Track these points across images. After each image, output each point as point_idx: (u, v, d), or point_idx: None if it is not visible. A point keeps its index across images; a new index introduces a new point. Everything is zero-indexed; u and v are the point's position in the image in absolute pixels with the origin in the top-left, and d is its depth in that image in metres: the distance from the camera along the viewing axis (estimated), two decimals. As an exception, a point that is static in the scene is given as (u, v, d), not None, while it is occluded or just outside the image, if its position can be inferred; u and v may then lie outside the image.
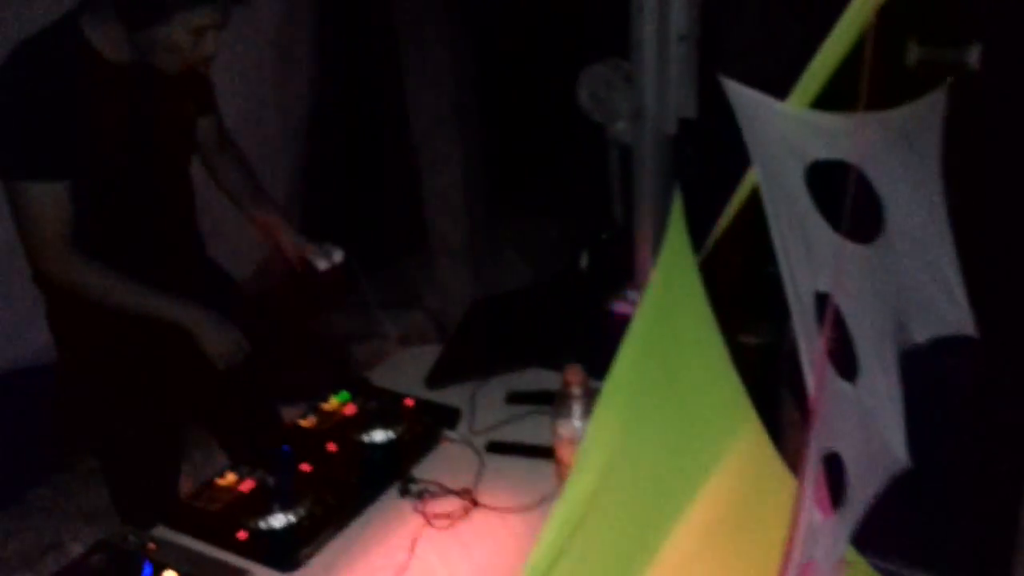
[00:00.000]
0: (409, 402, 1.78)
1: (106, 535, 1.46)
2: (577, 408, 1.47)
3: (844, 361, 1.18)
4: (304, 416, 1.77)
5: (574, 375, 1.46)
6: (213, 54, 1.77)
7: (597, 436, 1.01)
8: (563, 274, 1.94)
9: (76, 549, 2.28)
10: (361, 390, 1.84)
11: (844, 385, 1.19)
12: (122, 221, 1.86)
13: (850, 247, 1.14)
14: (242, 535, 1.47)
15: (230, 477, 1.60)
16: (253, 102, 3.22)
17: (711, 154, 2.10)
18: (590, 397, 1.45)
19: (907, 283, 1.22)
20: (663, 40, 1.93)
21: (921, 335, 1.16)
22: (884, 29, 1.17)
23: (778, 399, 2.19)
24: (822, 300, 1.16)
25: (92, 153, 1.74)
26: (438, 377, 1.88)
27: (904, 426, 1.22)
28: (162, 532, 1.51)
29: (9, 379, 2.55)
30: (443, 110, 3.22)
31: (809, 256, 1.17)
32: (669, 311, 1.18)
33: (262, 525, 1.48)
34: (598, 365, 1.11)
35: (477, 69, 3.26)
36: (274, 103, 3.36)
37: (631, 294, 2.03)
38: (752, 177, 1.25)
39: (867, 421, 1.18)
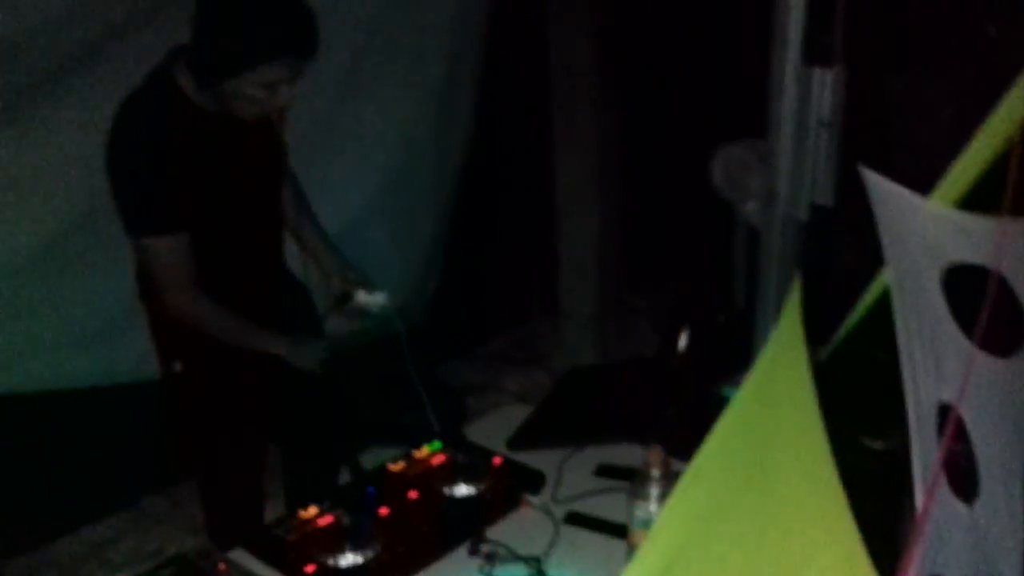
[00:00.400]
0: (497, 461, 1.76)
1: (186, 550, 1.51)
2: (655, 491, 1.42)
3: (963, 480, 1.09)
4: (395, 460, 1.79)
5: (655, 457, 1.41)
6: (288, 104, 1.82)
7: (671, 520, 0.97)
8: (663, 352, 1.89)
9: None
10: (454, 442, 1.84)
11: (959, 506, 1.10)
12: (224, 252, 1.95)
13: (984, 359, 1.06)
14: (310, 568, 1.49)
15: (312, 510, 1.63)
16: (412, 152, 3.34)
17: (843, 244, 2.02)
18: (670, 481, 1.40)
19: None
20: (802, 123, 1.88)
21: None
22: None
23: (902, 512, 2.04)
24: (945, 412, 1.07)
25: (200, 198, 1.84)
26: (522, 440, 1.86)
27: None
28: (239, 555, 1.55)
29: (134, 389, 2.71)
30: (587, 175, 3.24)
31: (937, 364, 1.09)
32: (770, 403, 1.12)
33: (331, 562, 1.50)
34: (691, 449, 1.07)
35: (623, 138, 3.26)
36: (431, 155, 3.47)
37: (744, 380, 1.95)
38: (885, 277, 1.18)
39: (981, 547, 1.08)
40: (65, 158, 2.42)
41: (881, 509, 1.21)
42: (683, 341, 1.87)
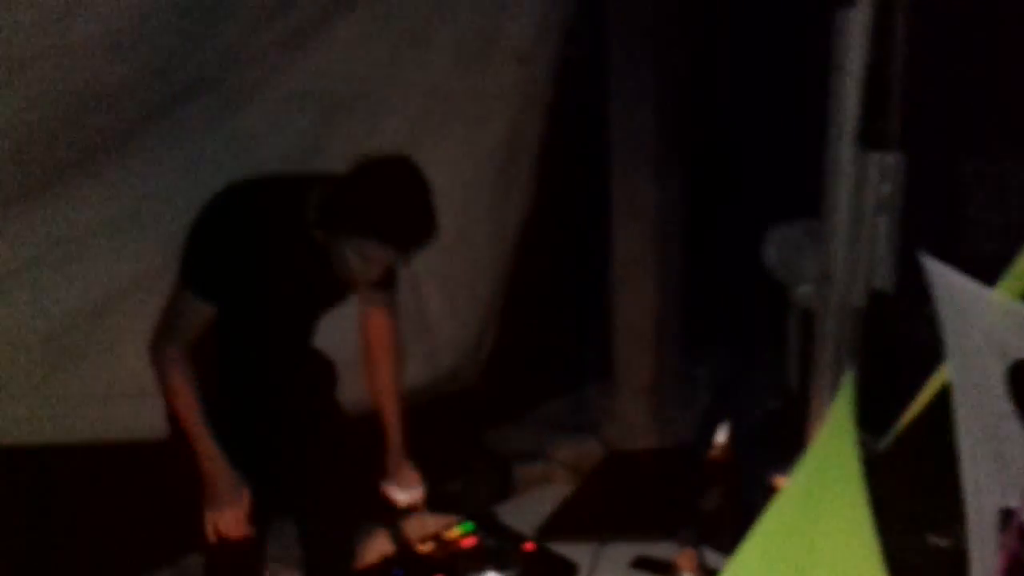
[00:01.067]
0: (529, 546, 1.71)
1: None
2: (685, 595, 1.35)
3: None
4: (422, 540, 1.74)
5: (686, 561, 1.34)
6: (376, 280, 1.94)
7: None
8: (700, 447, 1.81)
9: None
10: (485, 524, 1.79)
11: None
12: (243, 346, 2.03)
13: None
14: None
15: (337, 592, 1.59)
16: (470, 215, 3.34)
17: (904, 331, 1.93)
18: (701, 585, 1.33)
19: None
20: (859, 207, 1.81)
21: None
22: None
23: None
24: (1008, 516, 1.01)
25: (256, 294, 1.92)
26: (554, 529, 1.80)
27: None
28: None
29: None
30: (643, 245, 3.20)
31: (999, 466, 1.03)
32: (817, 501, 1.06)
33: (349, 650, 1.46)
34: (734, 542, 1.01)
35: (682, 210, 3.22)
36: (489, 219, 3.47)
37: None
38: (945, 372, 1.12)
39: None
40: (119, 219, 2.47)
41: None
42: (722, 435, 1.79)
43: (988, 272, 1.11)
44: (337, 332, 2.42)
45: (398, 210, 1.83)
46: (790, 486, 0.99)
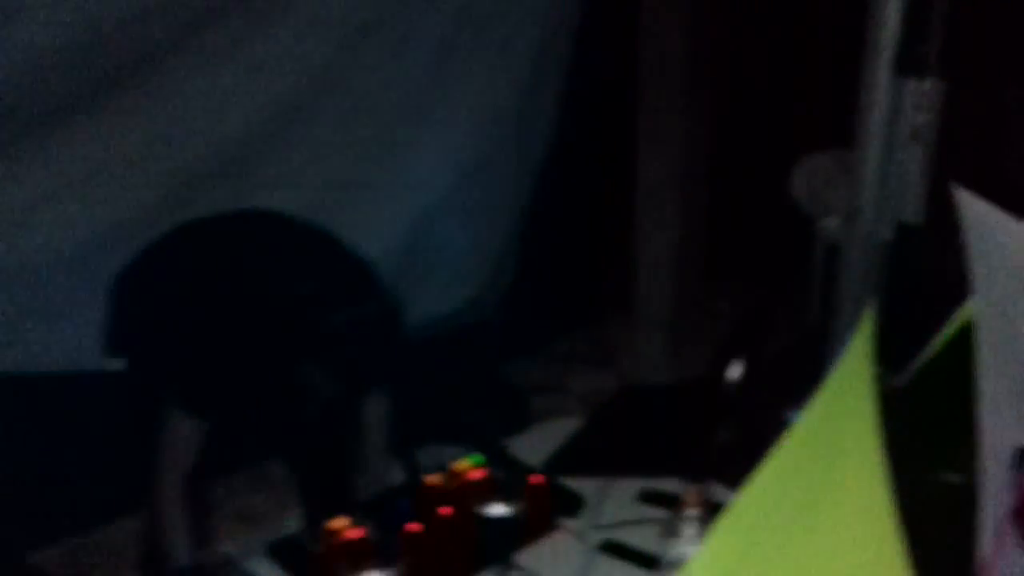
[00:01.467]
0: (536, 479, 1.68)
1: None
2: (690, 531, 1.31)
3: None
4: (432, 471, 1.72)
5: (692, 496, 1.31)
6: None
7: (707, 559, 0.90)
8: (715, 380, 1.77)
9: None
10: (494, 456, 1.76)
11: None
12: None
13: None
14: (330, 583, 1.43)
15: (342, 521, 1.57)
16: (493, 144, 3.28)
17: (930, 267, 1.87)
18: (707, 521, 1.30)
19: None
20: (893, 137, 1.74)
21: None
22: None
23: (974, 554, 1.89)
24: (1022, 455, 0.99)
25: None
26: (561, 463, 1.77)
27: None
28: (261, 564, 1.51)
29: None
30: (668, 177, 3.12)
31: (1019, 404, 1.00)
32: (828, 437, 1.03)
33: (352, 577, 1.45)
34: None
35: (708, 141, 3.13)
36: (512, 148, 3.40)
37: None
38: (970, 308, 1.08)
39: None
40: (140, 147, 2.43)
41: (955, 548, 1.10)
42: (737, 369, 1.74)
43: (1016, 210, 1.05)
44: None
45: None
46: (802, 420, 0.96)
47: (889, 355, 1.44)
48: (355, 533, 1.54)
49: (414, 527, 1.56)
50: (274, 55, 2.55)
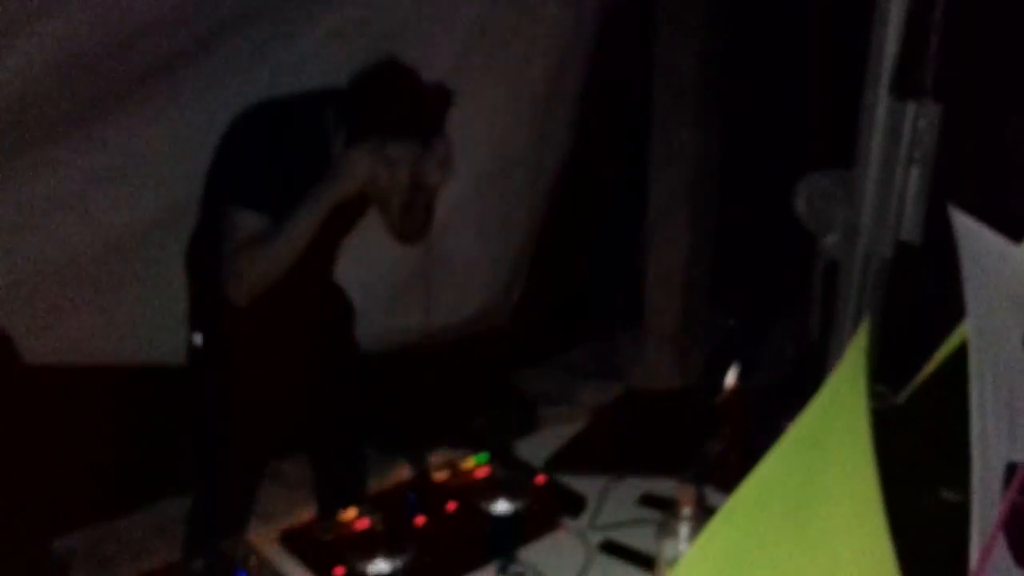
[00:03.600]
0: (541, 479, 1.73)
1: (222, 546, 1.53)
2: (684, 530, 1.36)
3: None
4: (439, 469, 1.77)
5: (686, 495, 1.35)
6: (399, 195, 1.95)
7: (697, 559, 0.93)
8: (707, 386, 1.81)
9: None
10: (500, 456, 1.81)
11: (1015, 571, 1.03)
12: None
13: None
14: (339, 571, 1.49)
15: (351, 512, 1.63)
16: (509, 155, 3.32)
17: (929, 285, 1.90)
18: (701, 521, 1.34)
19: None
20: (891, 158, 1.78)
21: None
22: None
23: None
24: (1013, 471, 1.01)
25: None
26: (561, 462, 1.81)
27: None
28: (273, 550, 1.56)
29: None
30: (680, 192, 3.16)
31: (1011, 422, 1.03)
32: (819, 446, 1.06)
33: (359, 567, 1.49)
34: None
35: (720, 158, 3.17)
36: (528, 160, 3.45)
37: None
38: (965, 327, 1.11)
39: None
40: (168, 148, 2.49)
41: (951, 564, 1.13)
42: (731, 376, 1.78)
43: (1011, 230, 1.08)
44: (360, 269, 2.44)
45: (403, 105, 1.90)
46: (792, 431, 0.99)
47: (888, 372, 1.47)
48: (363, 524, 1.60)
49: (421, 520, 1.62)
50: (301, 61, 2.63)
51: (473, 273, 3.24)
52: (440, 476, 1.75)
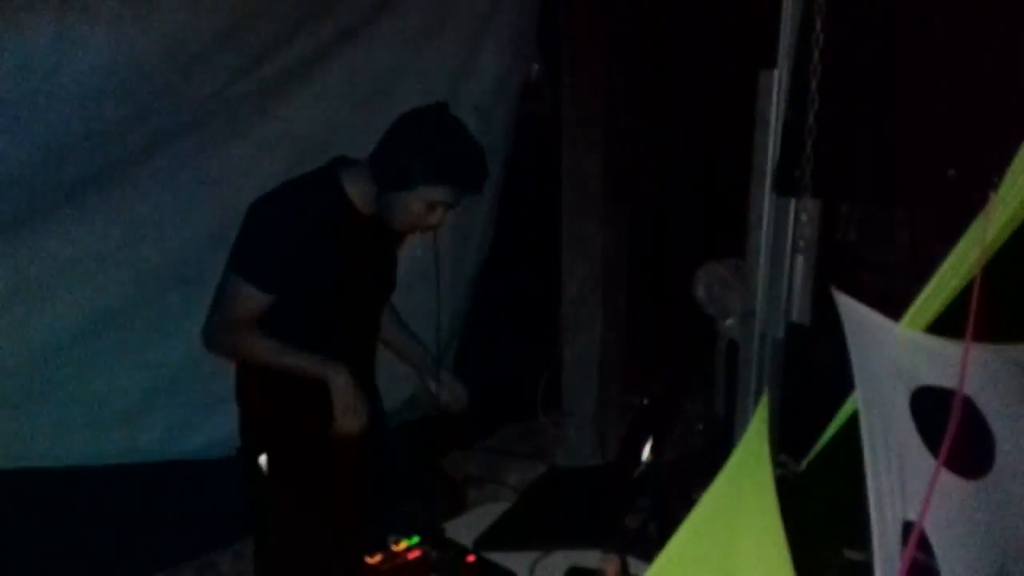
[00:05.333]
0: (471, 558, 1.69)
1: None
2: (610, 601, 1.34)
3: None
4: (371, 553, 1.72)
5: (611, 568, 1.34)
6: (438, 225, 1.95)
7: None
8: (622, 462, 1.82)
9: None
10: (430, 538, 1.77)
11: None
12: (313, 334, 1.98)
13: (950, 479, 1.01)
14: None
15: (286, 602, 1.56)
16: (429, 256, 3.34)
17: (820, 361, 1.96)
18: (625, 593, 1.33)
19: (1016, 528, 1.06)
20: (778, 248, 1.84)
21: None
22: (998, 262, 1.05)
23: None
24: (909, 529, 1.02)
25: (314, 278, 1.91)
26: (490, 540, 1.78)
27: None
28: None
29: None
30: (590, 285, 3.22)
31: (903, 483, 1.04)
32: (730, 514, 1.06)
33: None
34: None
35: (626, 251, 3.25)
36: (450, 259, 3.47)
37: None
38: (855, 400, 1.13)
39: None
40: (101, 253, 2.45)
41: None
42: (647, 451, 1.80)
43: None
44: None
45: (448, 149, 1.88)
46: (704, 501, 1.00)
47: (788, 442, 1.50)
48: (299, 613, 1.54)
49: (355, 605, 1.56)
50: (233, 170, 2.63)
51: (399, 367, 3.21)
52: (373, 560, 1.70)
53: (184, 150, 2.54)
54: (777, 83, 1.74)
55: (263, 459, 2.08)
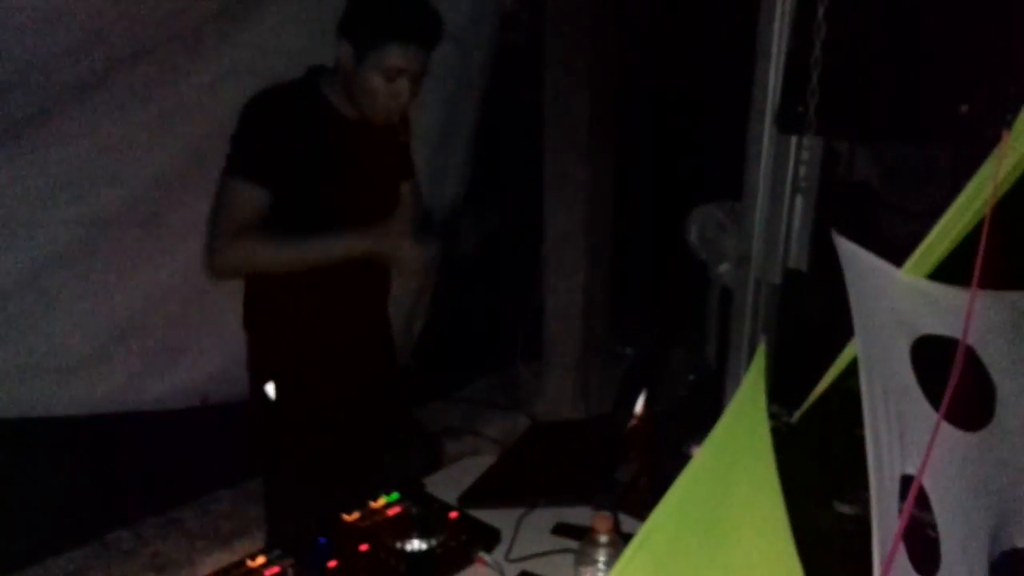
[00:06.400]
0: (453, 515, 1.68)
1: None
2: (602, 557, 1.34)
3: (923, 553, 1.03)
4: (349, 510, 1.71)
5: (602, 523, 1.34)
6: (406, 102, 1.94)
7: None
8: (616, 414, 1.81)
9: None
10: (411, 493, 1.76)
11: None
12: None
13: (950, 431, 1.00)
14: (250, 622, 1.41)
15: (260, 559, 1.55)
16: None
17: (816, 309, 1.95)
18: (618, 547, 1.33)
19: (1017, 481, 1.06)
20: (777, 189, 1.82)
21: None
22: (1009, 205, 1.03)
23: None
24: (908, 483, 1.02)
25: (302, 175, 1.92)
26: (474, 497, 1.78)
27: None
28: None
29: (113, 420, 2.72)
30: (574, 228, 3.19)
31: (901, 435, 1.04)
32: (726, 467, 1.06)
33: (271, 617, 1.42)
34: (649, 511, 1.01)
35: (612, 193, 3.21)
36: (426, 195, 3.43)
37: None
38: (854, 347, 1.12)
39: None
40: (56, 187, 2.40)
41: (852, 574, 1.14)
42: (639, 403, 1.79)
43: (905, 255, 1.11)
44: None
45: (404, 8, 1.90)
46: (701, 453, 0.99)
47: (783, 393, 1.50)
48: (272, 571, 1.53)
49: (333, 564, 1.55)
50: (193, 100, 2.56)
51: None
52: (351, 517, 1.69)
53: (139, 78, 2.46)
54: (780, 9, 1.70)
55: (270, 387, 2.10)
